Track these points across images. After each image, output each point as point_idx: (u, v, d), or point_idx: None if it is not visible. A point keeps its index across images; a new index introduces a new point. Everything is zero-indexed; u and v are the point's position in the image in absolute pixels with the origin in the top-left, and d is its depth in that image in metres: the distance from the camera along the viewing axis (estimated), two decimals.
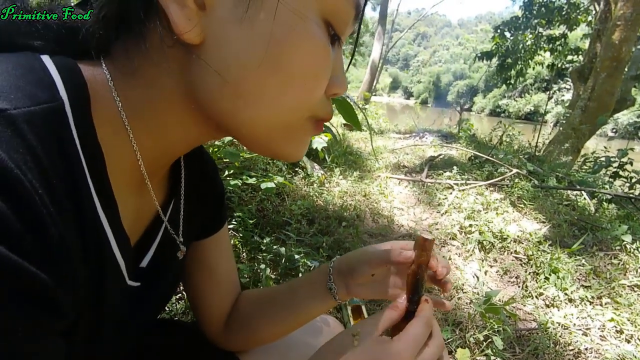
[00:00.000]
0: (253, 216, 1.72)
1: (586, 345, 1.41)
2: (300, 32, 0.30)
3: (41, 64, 0.28)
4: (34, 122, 0.24)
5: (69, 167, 0.27)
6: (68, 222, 0.26)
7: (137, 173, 0.36)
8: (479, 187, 2.94)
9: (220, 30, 0.29)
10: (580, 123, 5.40)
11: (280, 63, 0.31)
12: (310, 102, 0.35)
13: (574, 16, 7.83)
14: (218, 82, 0.31)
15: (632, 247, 2.05)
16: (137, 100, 0.32)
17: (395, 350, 0.37)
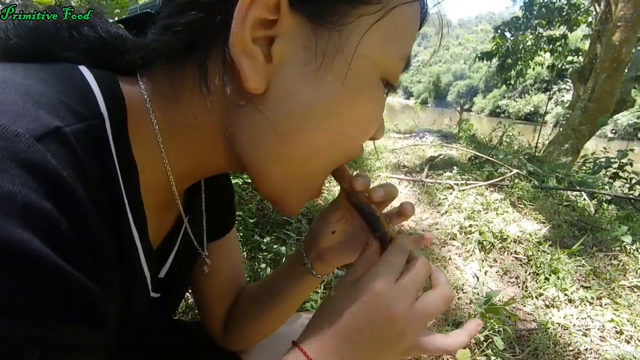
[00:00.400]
0: (253, 215, 1.72)
1: (586, 346, 1.41)
2: (364, 96, 0.32)
3: (82, 78, 0.28)
4: (81, 140, 0.24)
5: (109, 182, 0.27)
6: (109, 236, 0.27)
7: (164, 190, 0.36)
8: (479, 187, 2.94)
9: (285, 84, 0.30)
10: (580, 124, 5.41)
11: (339, 124, 0.32)
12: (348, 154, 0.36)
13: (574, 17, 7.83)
14: (267, 130, 0.31)
15: (632, 248, 2.06)
16: (173, 124, 0.33)
17: (369, 279, 0.35)
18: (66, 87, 0.26)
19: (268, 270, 1.41)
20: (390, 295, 0.34)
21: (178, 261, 0.45)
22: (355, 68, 0.31)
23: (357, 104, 0.32)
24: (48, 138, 0.22)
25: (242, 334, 0.59)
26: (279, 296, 0.54)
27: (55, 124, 0.23)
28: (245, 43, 0.29)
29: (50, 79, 0.26)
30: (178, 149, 0.34)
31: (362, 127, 0.34)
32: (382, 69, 0.33)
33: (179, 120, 0.33)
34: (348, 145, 0.35)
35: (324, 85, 0.30)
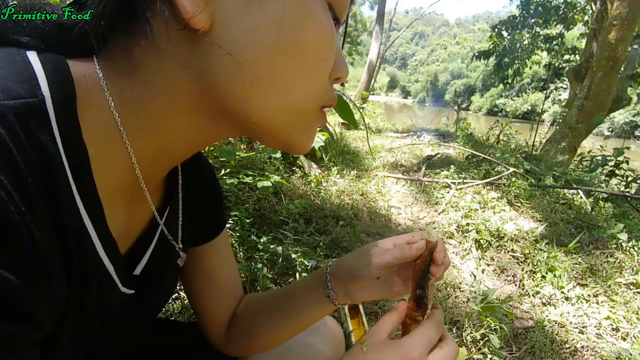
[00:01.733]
0: (250, 215, 1.72)
1: (582, 343, 1.42)
2: (309, 14, 0.31)
3: (24, 58, 0.27)
4: (6, 118, 0.23)
5: (47, 169, 0.26)
6: (44, 226, 0.25)
7: (131, 177, 0.34)
8: (476, 186, 2.95)
9: (229, 14, 0.29)
10: (577, 122, 5.43)
11: (292, 45, 0.31)
12: (320, 86, 0.35)
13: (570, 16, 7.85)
14: (231, 66, 0.30)
15: (627, 246, 2.07)
16: (134, 100, 0.31)
17: (406, 348, 0.37)
18: (2, 66, 0.25)
19: (265, 271, 1.41)
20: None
21: (157, 257, 0.44)
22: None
23: (303, 22, 0.31)
24: None
25: (246, 343, 0.58)
26: (293, 316, 0.53)
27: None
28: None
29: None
30: (142, 126, 0.32)
31: (318, 49, 0.32)
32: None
33: (140, 92, 0.31)
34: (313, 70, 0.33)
35: (265, 6, 0.29)
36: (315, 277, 0.53)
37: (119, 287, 0.37)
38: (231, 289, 0.59)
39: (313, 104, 0.36)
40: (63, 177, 0.27)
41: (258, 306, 0.59)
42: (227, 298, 0.59)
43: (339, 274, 0.50)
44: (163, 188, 0.45)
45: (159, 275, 0.45)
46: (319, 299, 0.51)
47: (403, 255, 0.45)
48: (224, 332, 0.59)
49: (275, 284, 1.44)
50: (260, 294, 0.62)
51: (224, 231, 0.57)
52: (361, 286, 0.49)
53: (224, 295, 0.58)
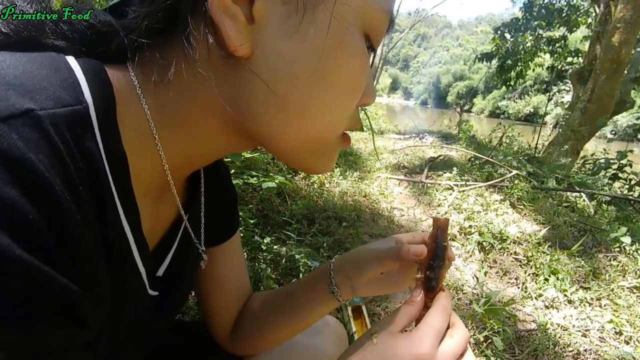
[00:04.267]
0: (254, 216, 1.73)
1: (585, 347, 1.42)
2: (348, 48, 0.32)
3: (67, 65, 0.27)
4: (59, 125, 0.23)
5: (93, 173, 0.26)
6: (93, 229, 0.26)
7: (160, 180, 0.35)
8: (478, 188, 2.94)
9: (270, 43, 0.30)
10: (580, 125, 5.41)
11: (328, 77, 0.32)
12: (347, 115, 0.36)
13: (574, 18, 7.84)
14: (265, 93, 0.31)
15: (631, 249, 2.06)
16: (167, 110, 0.32)
17: (416, 344, 0.36)
18: (48, 73, 0.25)
19: (268, 271, 1.41)
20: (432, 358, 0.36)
21: (178, 259, 0.44)
22: (338, 17, 0.30)
23: (342, 55, 0.32)
24: (16, 120, 0.21)
25: (251, 341, 0.59)
26: (298, 313, 0.54)
27: (26, 106, 0.22)
28: (225, 3, 0.28)
29: (31, 65, 0.25)
30: (174, 134, 0.33)
31: (351, 81, 0.33)
32: (364, 20, 0.32)
33: (174, 103, 0.32)
34: (345, 101, 0.34)
35: (307, 39, 0.30)
36: (319, 273, 0.54)
37: (147, 289, 0.38)
38: (240, 290, 0.60)
39: (338, 131, 0.37)
40: (106, 182, 0.28)
41: (263, 304, 0.59)
42: (236, 298, 0.59)
43: (343, 269, 0.51)
44: (184, 190, 0.45)
45: (180, 277, 0.46)
46: (323, 295, 0.52)
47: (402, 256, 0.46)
48: (230, 331, 0.60)
49: (279, 284, 1.44)
50: (265, 292, 0.63)
51: (237, 232, 0.57)
52: (365, 281, 0.50)
53: (234, 296, 0.59)
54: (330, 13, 0.30)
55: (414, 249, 0.44)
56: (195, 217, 0.47)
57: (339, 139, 0.38)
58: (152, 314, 0.42)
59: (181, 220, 0.44)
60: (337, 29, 0.30)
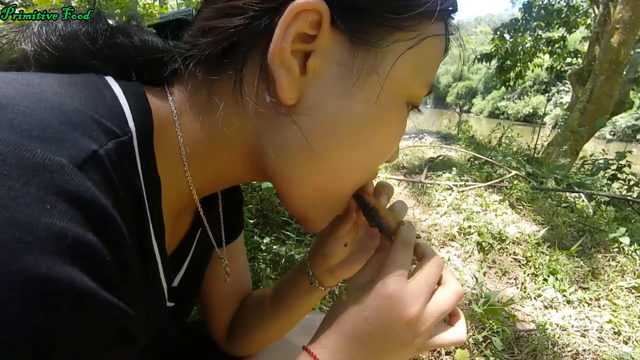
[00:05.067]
0: (253, 216, 1.73)
1: (584, 347, 1.42)
2: (392, 116, 0.34)
3: (110, 91, 0.28)
4: (114, 161, 0.24)
5: (136, 199, 0.28)
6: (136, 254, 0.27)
7: (183, 201, 0.36)
8: (478, 188, 2.95)
9: (318, 98, 0.31)
10: (579, 125, 5.42)
11: (367, 140, 0.33)
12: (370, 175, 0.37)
13: (573, 19, 7.86)
14: (299, 142, 0.32)
15: (630, 249, 2.06)
16: (200, 138, 0.33)
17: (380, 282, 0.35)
18: (96, 102, 0.26)
19: (268, 271, 1.42)
20: (403, 296, 0.34)
21: (191, 269, 0.45)
22: (387, 89, 0.32)
23: (384, 123, 0.33)
24: (88, 164, 0.22)
25: (245, 341, 0.59)
26: (284, 307, 0.54)
27: (92, 148, 0.23)
28: (284, 54, 0.29)
29: (80, 94, 0.26)
30: (202, 161, 0.34)
31: (386, 146, 0.35)
32: (409, 93, 0.34)
33: (208, 130, 0.33)
34: (373, 164, 0.36)
35: (355, 103, 0.31)
36: (298, 268, 0.53)
37: (166, 302, 0.39)
38: (241, 291, 0.60)
39: (354, 188, 0.38)
40: (144, 208, 0.29)
41: (252, 304, 0.60)
42: (237, 300, 0.60)
43: (314, 259, 0.50)
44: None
45: (193, 286, 0.47)
46: (305, 287, 0.52)
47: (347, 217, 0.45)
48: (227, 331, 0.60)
49: None
50: (256, 292, 0.63)
51: (241, 234, 0.58)
52: (338, 262, 0.49)
53: (234, 298, 0.59)
54: (381, 85, 0.32)
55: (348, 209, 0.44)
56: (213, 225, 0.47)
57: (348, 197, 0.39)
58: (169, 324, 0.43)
59: (194, 232, 0.45)
60: (384, 99, 0.32)
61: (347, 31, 0.30)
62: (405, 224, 0.39)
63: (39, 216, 0.18)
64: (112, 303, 0.21)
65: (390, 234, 0.39)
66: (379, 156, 0.36)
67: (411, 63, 0.33)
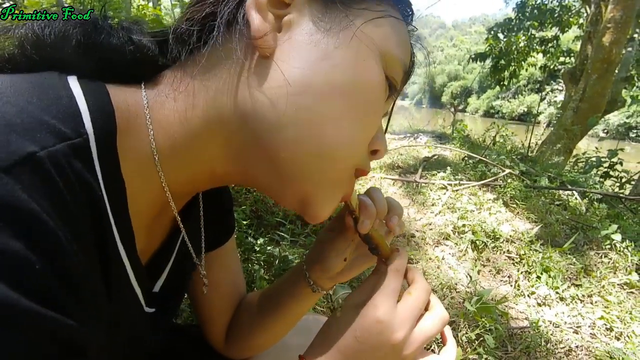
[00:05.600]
0: (247, 217, 1.72)
1: (577, 343, 1.43)
2: (369, 68, 0.34)
3: (68, 91, 0.27)
4: (60, 163, 0.24)
5: (93, 207, 0.27)
6: (93, 260, 0.27)
7: (158, 201, 0.36)
8: (472, 187, 2.96)
9: (292, 50, 0.32)
10: (572, 124, 5.47)
11: (346, 88, 0.33)
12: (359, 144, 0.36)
13: (565, 18, 7.92)
14: (279, 90, 0.32)
15: (621, 246, 2.08)
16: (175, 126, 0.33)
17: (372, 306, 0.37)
18: (49, 103, 0.25)
19: (262, 272, 1.42)
20: (391, 322, 0.36)
21: (174, 274, 0.45)
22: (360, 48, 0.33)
23: (362, 71, 0.33)
24: (19, 168, 0.21)
25: (243, 344, 0.59)
26: (282, 310, 0.54)
27: (27, 150, 0.22)
28: (260, 5, 0.31)
29: (33, 95, 0.25)
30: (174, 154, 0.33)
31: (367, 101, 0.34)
32: (383, 55, 0.34)
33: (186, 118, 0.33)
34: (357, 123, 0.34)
35: (329, 52, 0.32)
36: (296, 272, 0.54)
37: (144, 307, 0.39)
38: (236, 294, 0.60)
39: (349, 159, 0.36)
40: (105, 213, 0.28)
41: (250, 307, 0.59)
42: (232, 303, 0.59)
43: (313, 268, 0.51)
44: None
45: (176, 291, 0.46)
46: (304, 292, 0.52)
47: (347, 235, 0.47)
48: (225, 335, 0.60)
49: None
50: (252, 294, 0.63)
51: (232, 237, 0.57)
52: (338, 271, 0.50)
53: (229, 300, 0.59)
54: (353, 33, 0.33)
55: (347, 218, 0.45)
56: (194, 232, 0.47)
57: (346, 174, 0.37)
58: (151, 330, 0.42)
59: (177, 236, 0.44)
60: (357, 48, 0.33)
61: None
62: (399, 252, 0.41)
63: None
64: (40, 313, 0.20)
65: (384, 259, 0.42)
66: (363, 113, 0.34)
67: (381, 29, 0.34)
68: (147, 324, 0.41)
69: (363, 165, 0.38)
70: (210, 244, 0.53)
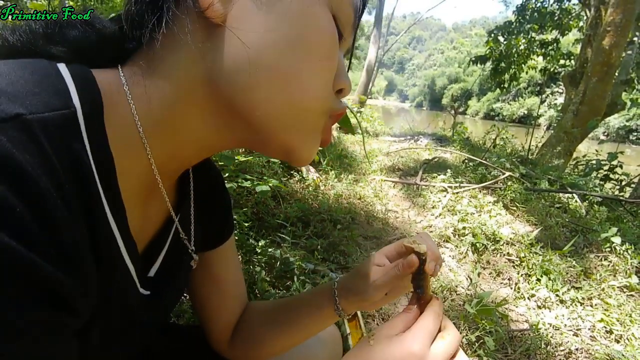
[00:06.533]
0: (248, 219, 1.73)
1: (577, 346, 1.44)
2: (315, 14, 0.34)
3: (57, 72, 0.29)
4: (48, 129, 0.25)
5: (80, 174, 0.28)
6: (80, 225, 0.27)
7: (148, 179, 0.36)
8: (472, 190, 2.97)
9: (242, 10, 0.32)
10: (572, 126, 5.48)
11: (298, 39, 0.34)
12: (324, 87, 0.37)
13: (565, 21, 7.95)
14: (240, 54, 0.33)
15: (621, 249, 2.09)
16: (154, 101, 0.34)
17: (408, 342, 0.38)
18: (39, 80, 0.27)
19: (263, 274, 1.42)
20: (423, 356, 0.37)
21: (170, 260, 0.45)
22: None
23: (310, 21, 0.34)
24: (6, 124, 0.22)
25: (250, 351, 0.59)
26: (300, 329, 0.56)
27: (15, 111, 0.23)
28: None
29: (24, 72, 0.27)
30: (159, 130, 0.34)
31: (322, 49, 0.35)
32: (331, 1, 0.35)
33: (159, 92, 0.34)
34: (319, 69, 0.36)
35: (276, 5, 0.33)
36: (322, 294, 0.54)
37: (138, 287, 0.39)
38: (237, 294, 0.60)
39: (318, 104, 0.37)
40: (93, 182, 0.29)
41: (263, 316, 0.60)
42: (233, 303, 0.60)
43: (347, 296, 0.52)
44: (175, 192, 0.46)
45: (171, 277, 0.47)
46: (328, 313, 0.53)
47: (401, 274, 0.47)
48: (228, 338, 0.60)
49: (273, 287, 1.45)
50: (264, 303, 0.63)
51: (232, 236, 0.58)
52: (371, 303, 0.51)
53: (230, 301, 0.59)
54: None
55: (407, 262, 0.45)
56: (186, 218, 0.48)
57: (322, 119, 0.39)
58: (144, 312, 0.42)
59: (172, 222, 0.45)
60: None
61: None
62: (438, 298, 0.43)
63: None
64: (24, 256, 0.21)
65: (424, 301, 0.43)
66: (322, 60, 0.36)
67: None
68: (141, 305, 0.41)
69: (334, 108, 0.40)
70: (211, 241, 0.54)
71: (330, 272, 1.63)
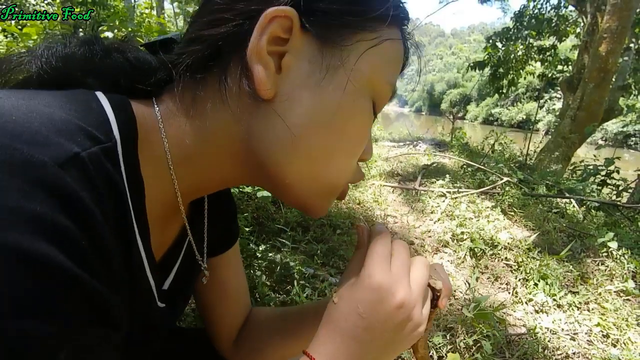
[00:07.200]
0: (249, 224, 1.75)
1: (574, 350, 1.45)
2: (359, 109, 0.38)
3: (98, 103, 0.32)
4: (96, 163, 0.28)
5: (119, 201, 0.30)
6: (118, 246, 0.30)
7: (171, 203, 0.39)
8: (470, 195, 2.99)
9: (292, 91, 0.35)
10: (570, 132, 5.52)
11: (341, 127, 0.37)
12: (351, 166, 0.41)
13: (563, 28, 8.03)
14: (282, 133, 0.36)
15: (618, 254, 2.11)
16: (186, 143, 0.36)
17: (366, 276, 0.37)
18: (85, 114, 0.30)
19: (263, 278, 1.44)
20: (390, 284, 0.36)
21: (182, 273, 0.47)
22: (353, 81, 0.36)
23: (353, 113, 0.37)
24: (69, 164, 0.25)
25: (255, 357, 0.61)
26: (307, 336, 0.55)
27: (74, 151, 0.26)
28: (261, 53, 0.34)
29: (70, 106, 0.29)
30: (187, 165, 0.37)
31: (358, 134, 0.39)
32: (373, 88, 0.38)
33: (196, 133, 0.36)
34: (351, 151, 0.40)
35: (326, 94, 0.36)
36: None
37: (157, 301, 0.42)
38: (241, 299, 0.62)
39: (343, 180, 0.41)
40: (127, 207, 0.32)
41: (271, 323, 0.61)
42: (237, 307, 0.62)
43: None
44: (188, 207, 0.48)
45: (184, 289, 0.49)
46: None
47: None
48: (233, 341, 0.62)
49: (274, 291, 1.47)
50: (270, 309, 0.65)
51: (236, 243, 0.60)
52: None
53: (235, 305, 0.61)
54: (347, 77, 0.36)
55: None
56: (199, 234, 0.50)
57: (343, 186, 0.43)
58: (160, 324, 0.45)
59: (184, 237, 0.47)
60: (351, 91, 0.36)
61: (315, 33, 0.35)
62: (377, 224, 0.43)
63: (22, 203, 0.21)
64: (84, 279, 0.24)
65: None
66: (355, 144, 0.39)
67: (373, 60, 0.37)
68: (157, 317, 0.43)
69: (357, 178, 0.44)
70: (216, 248, 0.56)
71: (329, 277, 1.64)
